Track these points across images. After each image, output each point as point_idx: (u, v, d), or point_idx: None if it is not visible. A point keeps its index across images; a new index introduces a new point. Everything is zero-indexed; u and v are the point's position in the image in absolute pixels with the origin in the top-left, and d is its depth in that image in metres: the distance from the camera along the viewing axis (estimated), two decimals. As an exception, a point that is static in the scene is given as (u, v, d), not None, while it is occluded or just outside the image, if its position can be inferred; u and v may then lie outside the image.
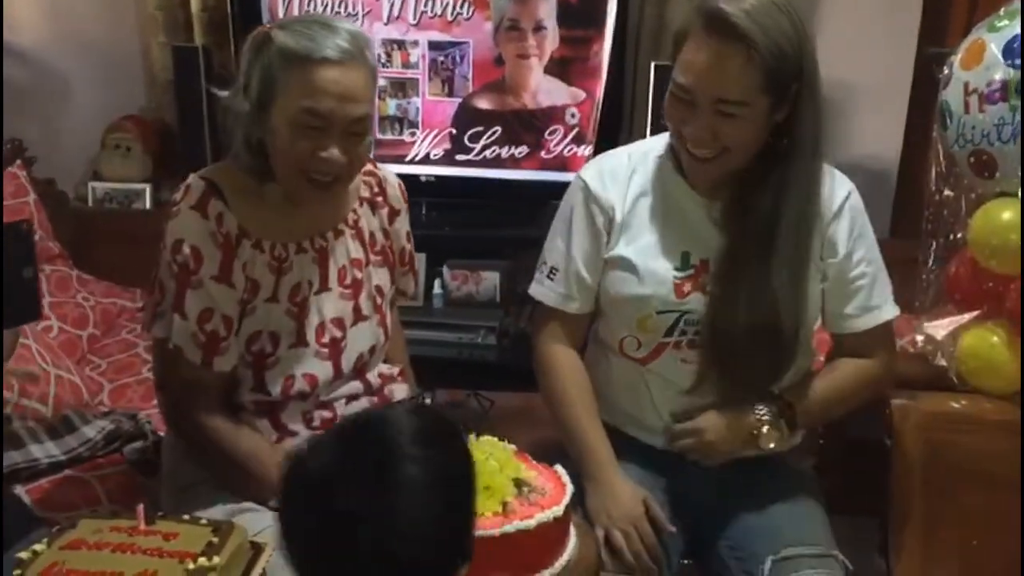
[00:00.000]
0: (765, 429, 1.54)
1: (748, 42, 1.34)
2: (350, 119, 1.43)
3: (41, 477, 1.81)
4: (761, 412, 1.55)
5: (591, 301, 1.64)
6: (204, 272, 1.46)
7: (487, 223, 2.93)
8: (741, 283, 1.49)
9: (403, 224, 1.72)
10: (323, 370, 1.57)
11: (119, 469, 1.89)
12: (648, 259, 1.56)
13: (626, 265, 1.58)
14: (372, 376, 1.66)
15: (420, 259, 2.83)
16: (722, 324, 1.51)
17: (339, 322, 1.58)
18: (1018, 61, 1.67)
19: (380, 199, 1.67)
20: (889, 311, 1.59)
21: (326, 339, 1.57)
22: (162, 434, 1.78)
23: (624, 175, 1.60)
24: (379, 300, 1.64)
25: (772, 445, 1.55)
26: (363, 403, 1.65)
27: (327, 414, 1.59)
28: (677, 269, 1.55)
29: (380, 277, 1.65)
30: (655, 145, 1.61)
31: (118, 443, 1.91)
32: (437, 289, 2.88)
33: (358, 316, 1.60)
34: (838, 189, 1.56)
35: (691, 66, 1.40)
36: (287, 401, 1.56)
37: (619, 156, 1.63)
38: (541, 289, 1.66)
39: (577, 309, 1.64)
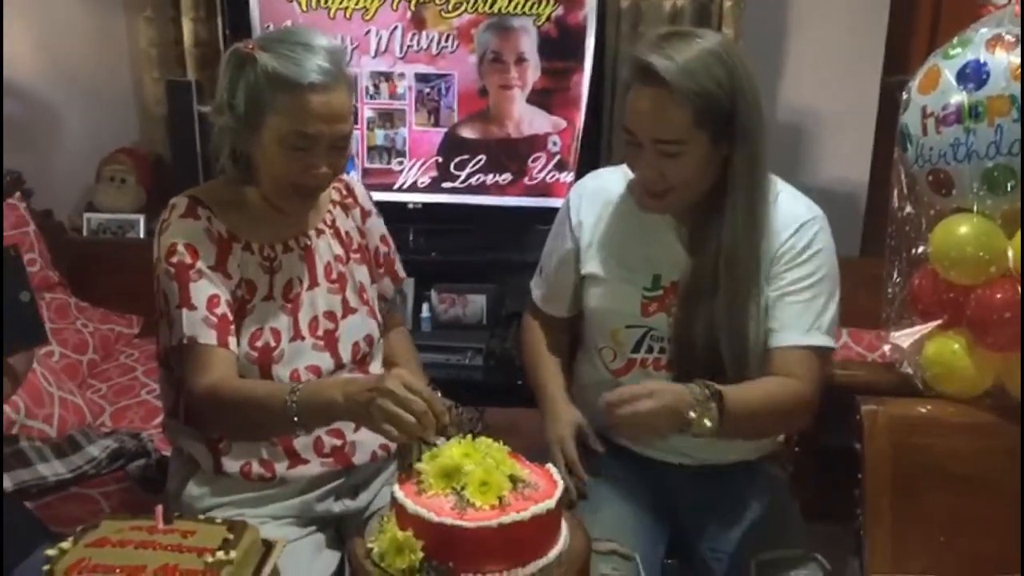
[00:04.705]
0: (694, 414, 1.43)
1: (671, 86, 1.47)
2: (337, 137, 1.53)
3: (48, 494, 1.85)
4: (696, 394, 1.45)
5: (564, 308, 1.79)
6: (201, 263, 1.53)
7: (473, 248, 3.01)
8: (699, 308, 1.60)
9: (376, 226, 1.81)
10: (323, 361, 1.63)
11: (123, 486, 1.95)
12: (619, 276, 1.68)
13: (599, 281, 1.71)
14: (375, 370, 1.73)
15: (409, 284, 2.92)
16: (683, 344, 1.62)
17: (331, 315, 1.66)
18: (971, 85, 1.78)
19: (350, 200, 1.77)
20: (815, 338, 1.58)
21: (320, 332, 1.64)
22: (166, 453, 1.84)
23: (602, 197, 1.73)
24: (365, 295, 1.72)
25: (705, 428, 1.43)
26: None
27: None
28: (646, 289, 1.66)
29: (360, 274, 1.73)
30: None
31: (122, 461, 1.95)
32: (425, 312, 2.96)
33: (347, 309, 1.68)
34: (800, 213, 1.63)
35: (632, 113, 1.55)
36: None
37: (601, 178, 1.78)
38: (533, 283, 1.85)
39: (553, 311, 1.81)
